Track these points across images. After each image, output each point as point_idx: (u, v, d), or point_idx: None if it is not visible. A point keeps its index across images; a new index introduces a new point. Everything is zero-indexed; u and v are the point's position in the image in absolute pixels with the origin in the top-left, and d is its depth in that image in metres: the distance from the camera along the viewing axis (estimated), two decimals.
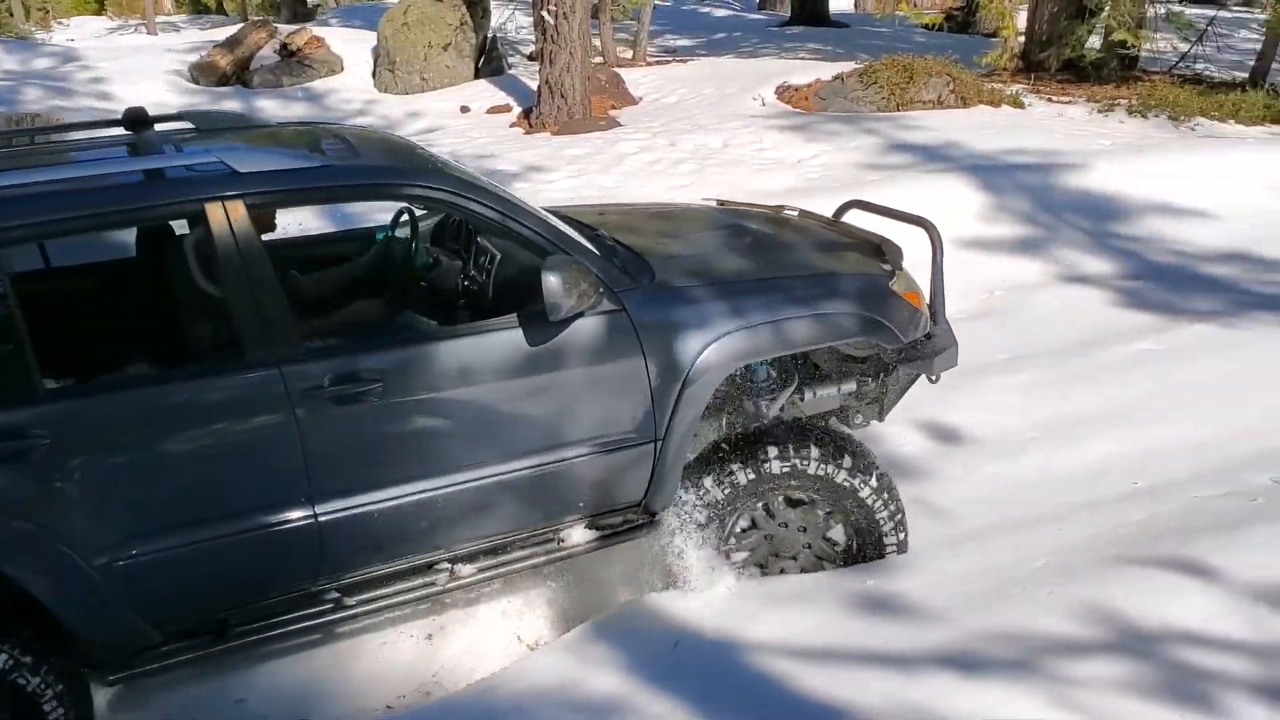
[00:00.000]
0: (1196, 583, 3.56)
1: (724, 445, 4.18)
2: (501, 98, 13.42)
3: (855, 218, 4.78)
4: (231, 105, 13.15)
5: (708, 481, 4.10)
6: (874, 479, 4.18)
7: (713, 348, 3.91)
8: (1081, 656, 3.30)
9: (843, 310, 4.14)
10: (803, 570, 4.27)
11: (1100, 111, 11.56)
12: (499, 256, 4.13)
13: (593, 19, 14.08)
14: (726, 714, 3.41)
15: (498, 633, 4.16)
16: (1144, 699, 3.11)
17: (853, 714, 3.26)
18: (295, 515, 3.50)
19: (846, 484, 4.16)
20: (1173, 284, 7.26)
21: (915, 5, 16.89)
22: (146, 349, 4.13)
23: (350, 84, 14.77)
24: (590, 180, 9.28)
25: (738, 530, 4.20)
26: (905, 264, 4.35)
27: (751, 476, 4.09)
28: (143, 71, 14.96)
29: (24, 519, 3.19)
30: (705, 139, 10.48)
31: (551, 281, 3.54)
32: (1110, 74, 13.21)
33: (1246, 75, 13.23)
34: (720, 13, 24.84)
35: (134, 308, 4.34)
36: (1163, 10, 13.72)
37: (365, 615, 3.77)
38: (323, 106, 13.64)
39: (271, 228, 4.51)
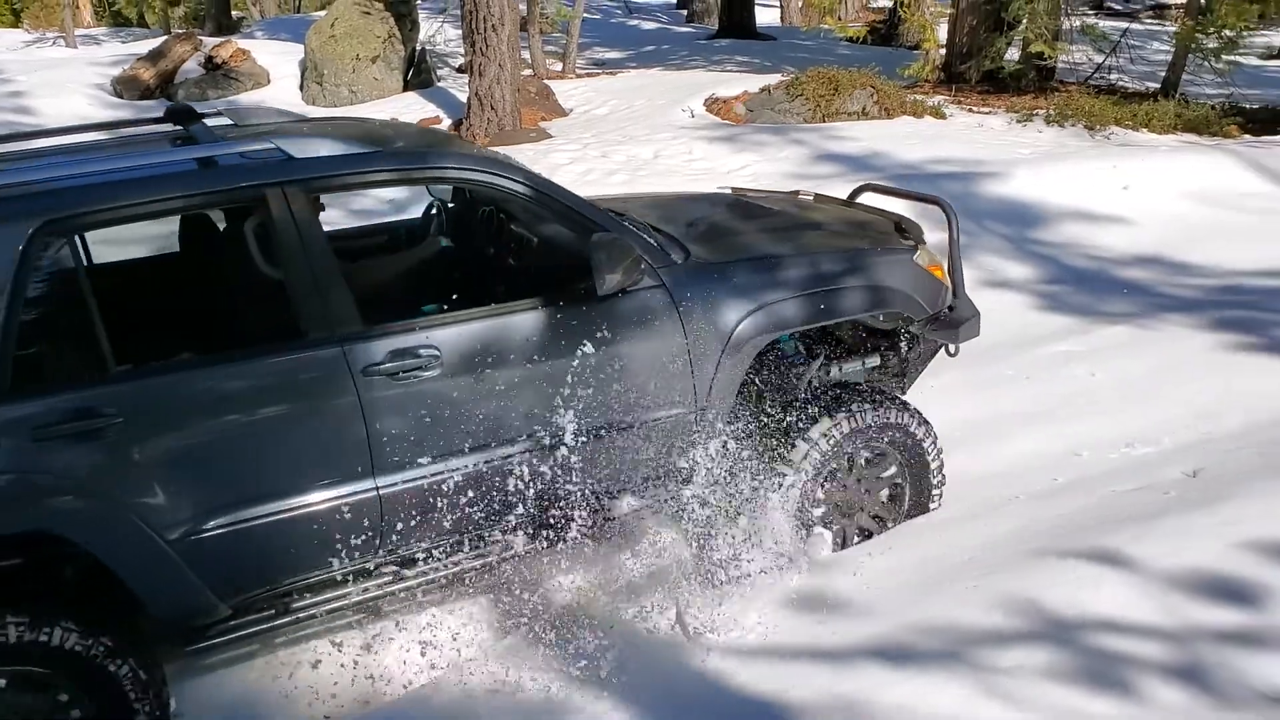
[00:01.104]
0: (1114, 572, 3.69)
1: (809, 402, 4.36)
2: (431, 110, 13.42)
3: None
4: None
5: (815, 432, 4.24)
6: (931, 432, 4.47)
7: (748, 321, 4.10)
8: (1006, 646, 3.40)
9: (871, 283, 4.36)
10: (860, 531, 4.49)
11: (1019, 121, 11.85)
12: (534, 241, 4.27)
13: (521, 31, 14.12)
14: (663, 712, 3.47)
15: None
16: (1065, 684, 3.22)
17: (787, 708, 3.34)
18: (358, 488, 3.61)
19: (916, 433, 4.42)
20: (1091, 288, 7.47)
21: (840, 19, 17.15)
22: (212, 331, 4.20)
23: (277, 97, 14.66)
24: None
25: (819, 494, 4.36)
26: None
27: (849, 427, 4.28)
28: (64, 85, 14.74)
29: (101, 495, 3.28)
30: (636, 150, 10.58)
31: (600, 257, 3.71)
32: (1028, 85, 13.54)
33: (1158, 85, 13.64)
34: (649, 25, 25.00)
35: (198, 291, 4.41)
36: (1078, 23, 14.09)
37: (420, 589, 3.87)
38: None
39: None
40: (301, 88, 14.90)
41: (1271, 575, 3.55)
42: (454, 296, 4.16)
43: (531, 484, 3.85)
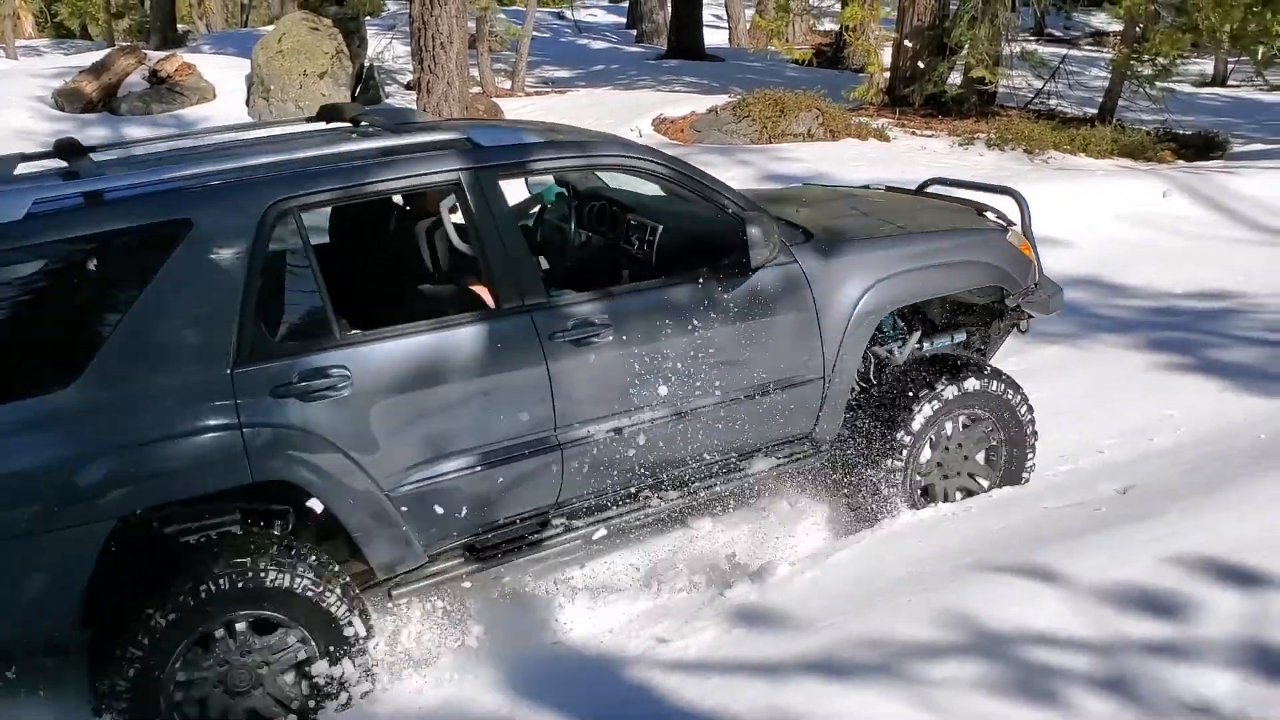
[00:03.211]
0: (1046, 587, 3.76)
1: (915, 372, 4.75)
2: None
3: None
4: (99, 133, 12.83)
5: (925, 400, 4.62)
6: (1026, 400, 4.86)
7: (871, 293, 4.52)
8: (940, 659, 3.46)
9: (976, 259, 4.80)
10: (958, 491, 4.88)
11: (961, 144, 12.06)
12: (661, 228, 4.65)
13: (470, 49, 14.14)
14: None
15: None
16: (997, 697, 3.27)
17: None
18: (544, 444, 4.00)
19: (1012, 400, 4.81)
20: None
21: (787, 41, 17.34)
22: (423, 301, 4.45)
23: (223, 111, 14.55)
24: None
25: (924, 457, 4.75)
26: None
27: (955, 393, 4.67)
28: (3, 97, 14.51)
29: (331, 449, 3.64)
30: None
31: (755, 233, 4.15)
32: (970, 109, 13.78)
33: (1096, 111, 13.94)
34: (598, 45, 25.11)
35: (405, 266, 4.70)
36: (1018, 49, 14.38)
37: (590, 538, 4.22)
38: None
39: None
40: (248, 103, 14.79)
41: (1196, 589, 3.64)
42: (608, 276, 4.58)
43: (687, 443, 4.26)
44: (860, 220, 4.89)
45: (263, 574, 3.50)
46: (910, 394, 4.63)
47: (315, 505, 3.70)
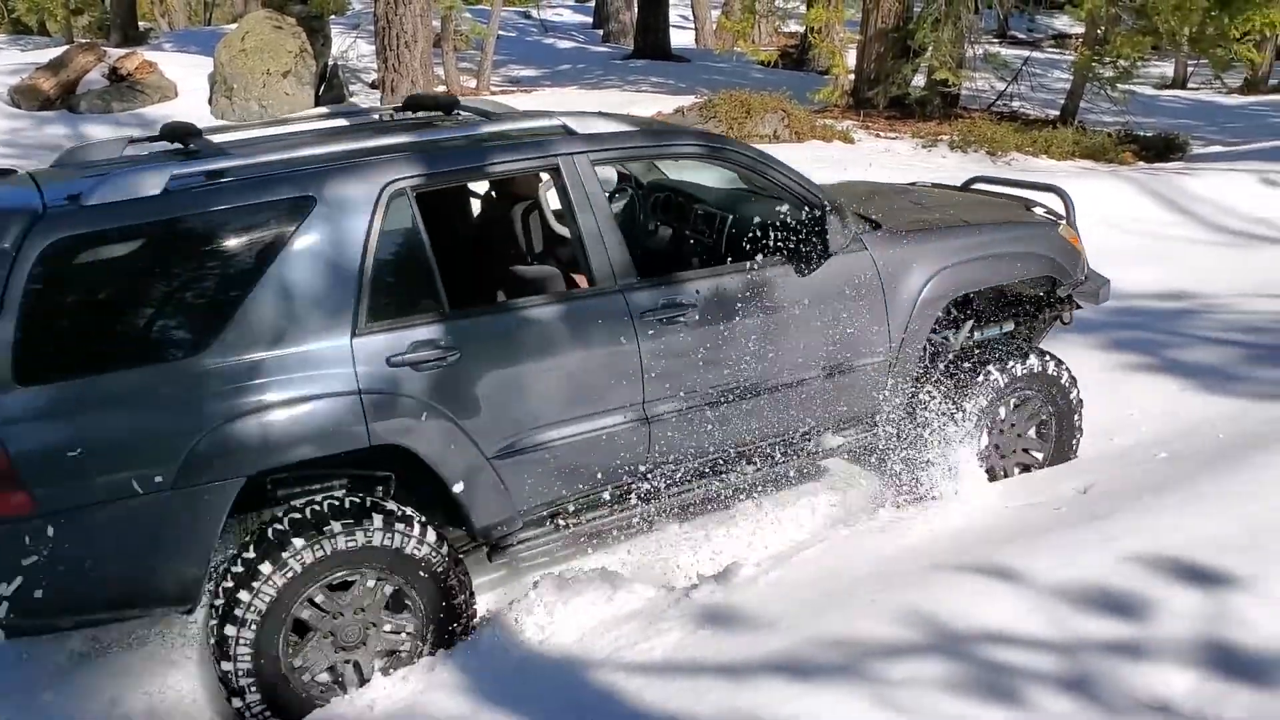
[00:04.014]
0: (1006, 586, 3.78)
1: (970, 357, 5.00)
2: None
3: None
4: (57, 130, 12.67)
5: (979, 382, 4.88)
6: (1076, 382, 5.16)
7: (934, 280, 4.76)
8: (901, 658, 3.47)
9: (1032, 251, 5.07)
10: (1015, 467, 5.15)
11: (924, 146, 12.14)
12: (730, 218, 4.88)
13: (435, 48, 14.07)
14: None
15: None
16: (959, 697, 3.29)
17: None
18: (634, 416, 4.22)
19: (1065, 382, 5.13)
20: None
21: (753, 42, 17.38)
22: (522, 280, 4.68)
23: (185, 110, 14.39)
24: None
25: (983, 440, 5.00)
26: None
27: (1009, 377, 4.94)
28: None
29: (441, 415, 3.85)
30: None
31: (834, 221, 4.39)
32: (933, 111, 13.87)
33: (1058, 113, 14.07)
34: (565, 45, 25.06)
35: (503, 247, 4.94)
36: (981, 51, 14.49)
37: (672, 508, 4.46)
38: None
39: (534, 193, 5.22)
40: (210, 101, 14.67)
41: (1154, 588, 3.67)
42: (693, 260, 4.88)
43: (763, 419, 4.50)
44: (921, 213, 5.14)
45: (396, 535, 3.79)
46: (968, 378, 4.89)
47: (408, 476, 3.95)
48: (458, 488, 3.93)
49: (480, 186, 5.37)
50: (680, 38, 24.03)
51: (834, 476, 5.24)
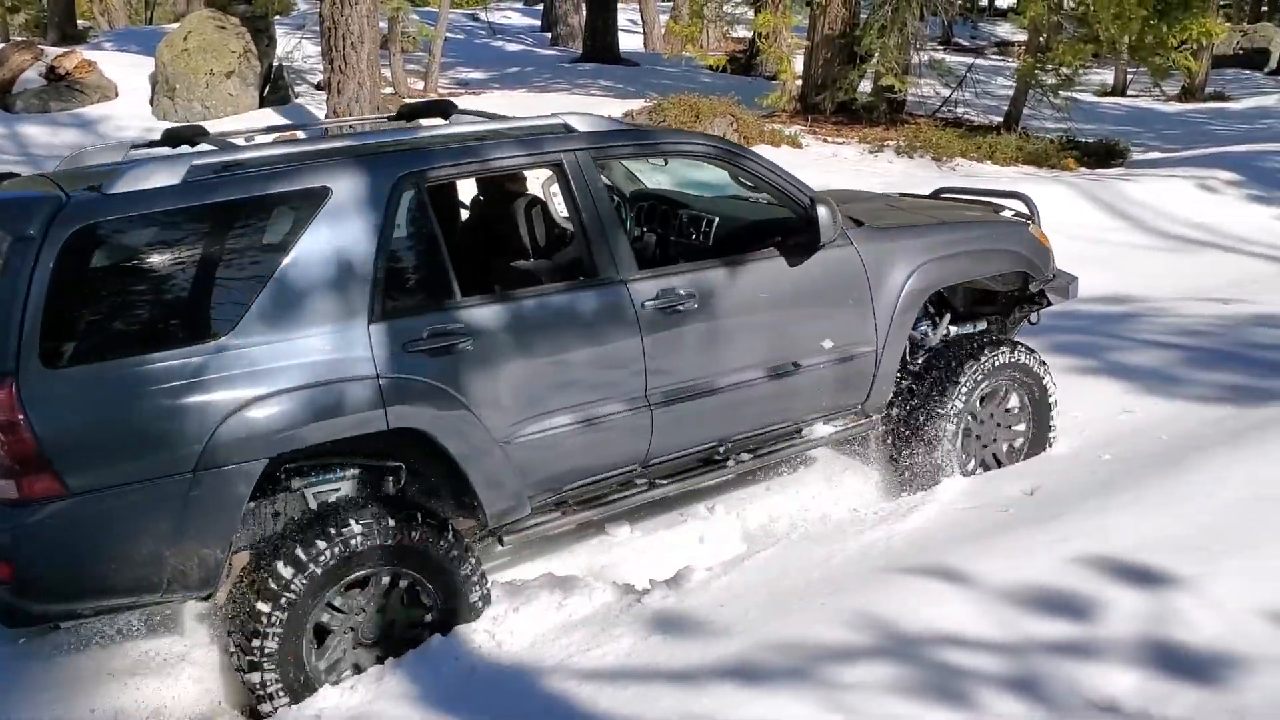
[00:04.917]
0: (955, 588, 3.82)
1: (951, 350, 5.20)
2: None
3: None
4: None
5: (964, 373, 5.04)
6: (1049, 371, 5.36)
7: (917, 274, 4.94)
8: (852, 661, 3.49)
9: (1007, 247, 5.32)
10: (984, 466, 5.34)
11: (871, 152, 12.24)
12: (717, 220, 5.09)
13: (382, 49, 13.95)
14: None
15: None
16: (909, 699, 3.31)
17: None
18: (637, 405, 4.34)
19: (1040, 372, 5.33)
20: None
21: (702, 47, 17.43)
22: (528, 271, 4.78)
23: (126, 111, 14.14)
24: None
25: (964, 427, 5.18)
26: None
27: (988, 368, 5.13)
28: None
29: (455, 401, 3.94)
30: None
31: (823, 213, 4.52)
32: (880, 116, 13.99)
33: (1002, 119, 14.25)
34: (513, 47, 24.96)
35: (508, 239, 5.04)
36: (926, 58, 14.64)
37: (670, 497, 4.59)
38: (97, 134, 12.99)
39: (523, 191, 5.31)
40: (152, 102, 14.41)
41: (1100, 588, 3.72)
42: (686, 252, 5.00)
43: (758, 408, 4.67)
44: (899, 214, 5.37)
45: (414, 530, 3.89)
46: (948, 370, 5.07)
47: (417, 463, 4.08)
48: (472, 471, 4.02)
49: (481, 187, 5.51)
50: (629, 41, 24.02)
51: (791, 478, 5.28)
